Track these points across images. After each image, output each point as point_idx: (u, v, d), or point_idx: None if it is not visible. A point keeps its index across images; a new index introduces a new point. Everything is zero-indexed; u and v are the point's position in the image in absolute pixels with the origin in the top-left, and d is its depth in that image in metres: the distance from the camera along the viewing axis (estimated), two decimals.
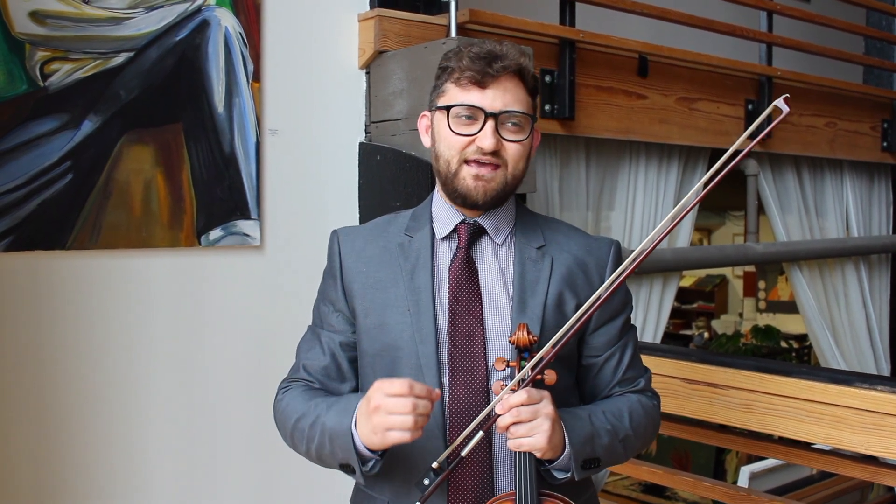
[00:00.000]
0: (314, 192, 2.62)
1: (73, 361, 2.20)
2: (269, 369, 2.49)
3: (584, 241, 1.60)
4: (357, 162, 2.71)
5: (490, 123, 1.45)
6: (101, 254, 2.23)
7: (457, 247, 1.54)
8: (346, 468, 1.46)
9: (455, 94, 1.48)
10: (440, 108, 1.50)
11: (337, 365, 1.58)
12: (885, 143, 4.73)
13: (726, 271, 10.83)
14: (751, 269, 10.05)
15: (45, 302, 2.16)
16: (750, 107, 3.87)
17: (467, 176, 1.47)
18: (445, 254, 1.55)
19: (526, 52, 1.52)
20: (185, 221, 2.35)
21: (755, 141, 1.37)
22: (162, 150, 2.31)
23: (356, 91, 2.72)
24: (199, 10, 2.36)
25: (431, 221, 1.57)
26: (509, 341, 1.44)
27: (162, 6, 2.30)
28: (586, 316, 1.39)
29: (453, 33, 2.63)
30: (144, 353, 2.32)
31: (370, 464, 1.43)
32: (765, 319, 9.48)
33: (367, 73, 2.72)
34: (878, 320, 4.96)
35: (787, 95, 1.41)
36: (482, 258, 1.54)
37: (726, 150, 1.37)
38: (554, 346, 1.38)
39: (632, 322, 1.65)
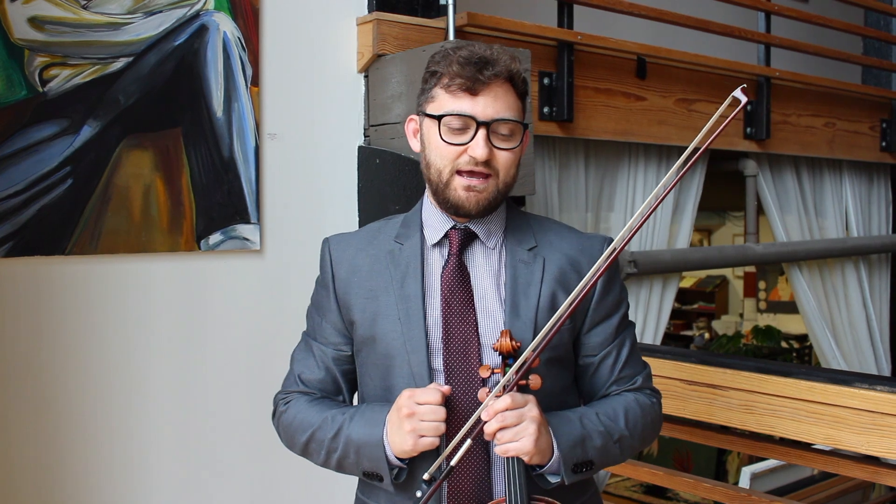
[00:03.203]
0: (313, 196, 2.63)
1: (73, 366, 2.20)
2: (270, 373, 2.50)
3: (576, 239, 1.58)
4: (356, 165, 2.71)
5: (482, 132, 1.43)
6: (100, 259, 2.23)
7: (448, 253, 1.53)
8: (371, 476, 1.47)
9: (445, 101, 1.46)
10: (430, 116, 1.48)
11: (332, 378, 1.59)
12: (883, 143, 4.74)
13: (726, 272, 10.83)
14: (751, 269, 10.05)
15: (45, 307, 2.16)
16: (749, 107, 3.88)
17: (458, 187, 1.46)
18: (437, 260, 1.54)
19: (515, 55, 1.50)
20: (184, 226, 2.35)
21: (720, 130, 1.37)
22: (161, 155, 2.31)
23: (355, 95, 2.73)
24: (197, 15, 2.37)
25: (422, 228, 1.56)
26: (493, 348, 1.43)
27: (160, 11, 2.31)
28: (564, 317, 1.39)
29: (451, 36, 2.63)
30: (144, 357, 2.32)
31: (395, 472, 1.45)
32: (765, 320, 9.48)
33: (366, 76, 2.73)
34: (878, 320, 4.96)
35: (745, 86, 1.42)
36: (474, 263, 1.53)
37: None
38: (534, 350, 1.38)
39: (629, 319, 1.64)
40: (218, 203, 2.41)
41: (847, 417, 2.18)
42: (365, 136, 2.74)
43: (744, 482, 3.98)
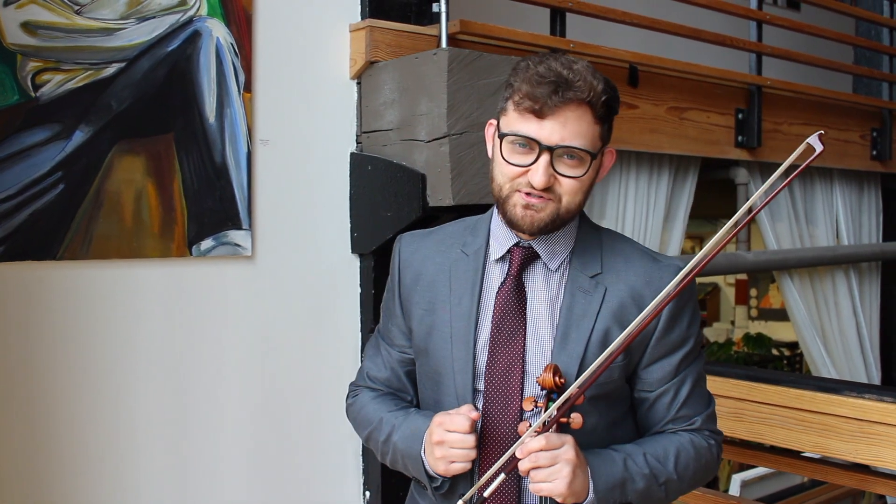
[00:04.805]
0: (305, 202, 2.63)
1: (63, 371, 2.20)
2: (261, 379, 2.50)
3: (645, 268, 1.50)
4: (348, 172, 2.71)
5: (544, 157, 1.38)
6: (92, 264, 2.23)
7: (507, 272, 1.50)
8: (417, 482, 1.56)
9: (512, 119, 1.41)
10: (498, 133, 1.44)
11: (398, 377, 1.65)
12: (874, 152, 4.76)
13: (718, 279, 10.86)
14: (742, 277, 10.08)
15: (35, 312, 2.16)
16: (740, 116, 3.89)
17: (517, 204, 1.42)
18: (496, 277, 1.51)
19: (598, 75, 1.40)
20: (176, 231, 2.35)
21: (790, 178, 1.34)
22: (153, 161, 2.31)
23: (347, 101, 2.73)
24: (190, 21, 2.37)
25: (489, 237, 1.54)
26: (536, 381, 1.40)
27: (154, 17, 2.31)
28: (612, 357, 1.35)
29: (444, 44, 2.64)
30: (135, 363, 2.31)
31: (438, 483, 1.50)
32: (756, 327, 9.51)
33: (358, 83, 2.73)
34: (868, 328, 4.98)
35: (822, 132, 1.32)
36: (532, 285, 1.49)
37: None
38: (580, 387, 1.34)
39: (698, 353, 1.55)
40: (210, 209, 2.40)
41: (836, 425, 2.19)
42: (357, 143, 2.74)
43: (734, 490, 3.99)
